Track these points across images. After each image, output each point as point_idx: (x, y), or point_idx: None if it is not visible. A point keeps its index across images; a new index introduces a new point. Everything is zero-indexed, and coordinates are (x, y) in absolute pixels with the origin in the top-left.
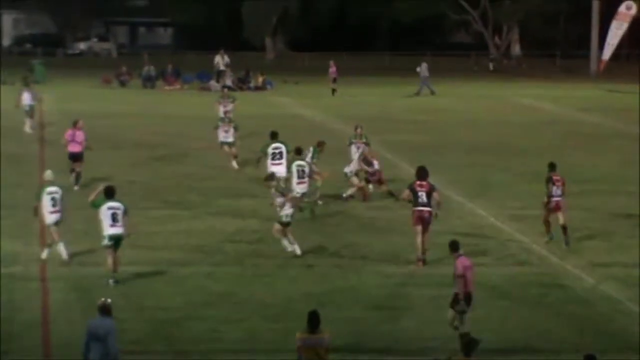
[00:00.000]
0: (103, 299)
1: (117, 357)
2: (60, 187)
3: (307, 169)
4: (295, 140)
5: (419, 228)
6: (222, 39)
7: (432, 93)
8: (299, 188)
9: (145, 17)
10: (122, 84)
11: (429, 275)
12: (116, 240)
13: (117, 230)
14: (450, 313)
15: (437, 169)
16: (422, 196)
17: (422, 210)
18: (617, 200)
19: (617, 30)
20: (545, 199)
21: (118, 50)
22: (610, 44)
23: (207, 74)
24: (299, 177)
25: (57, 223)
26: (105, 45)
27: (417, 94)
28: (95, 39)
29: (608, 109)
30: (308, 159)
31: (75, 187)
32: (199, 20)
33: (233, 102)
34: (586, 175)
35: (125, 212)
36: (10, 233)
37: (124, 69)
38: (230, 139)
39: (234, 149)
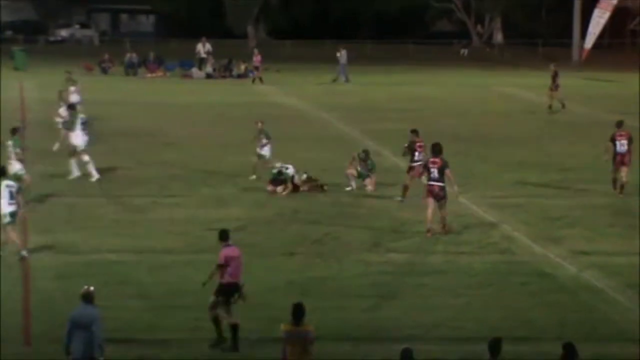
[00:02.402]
0: (86, 287)
1: (101, 345)
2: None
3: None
4: (278, 129)
5: (430, 201)
6: (204, 26)
7: (347, 81)
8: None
9: (127, 4)
10: (104, 71)
11: (411, 264)
12: (14, 217)
13: (15, 207)
14: (211, 299)
15: None
16: (434, 172)
17: (432, 185)
18: (598, 189)
19: (599, 19)
20: (607, 156)
21: (100, 37)
22: (593, 33)
23: (189, 61)
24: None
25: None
26: (87, 33)
27: (335, 80)
28: (77, 26)
29: (590, 97)
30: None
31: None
32: (181, 7)
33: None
34: (567, 163)
35: (19, 190)
36: None
37: (106, 56)
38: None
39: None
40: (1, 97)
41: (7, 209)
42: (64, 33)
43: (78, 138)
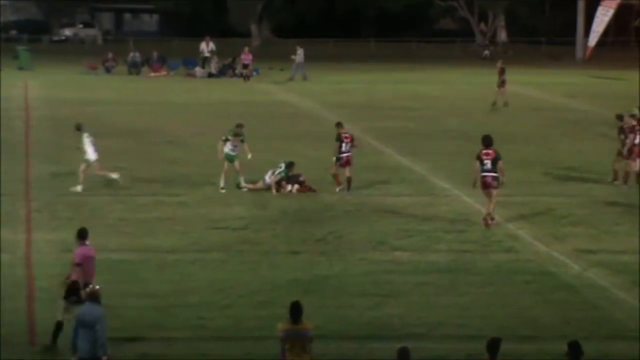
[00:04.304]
0: (91, 286)
1: (104, 344)
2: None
3: None
4: (281, 127)
5: (486, 192)
6: (208, 25)
7: (304, 79)
8: None
9: (130, 3)
10: (108, 70)
11: (414, 262)
12: None
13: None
14: (60, 302)
15: (423, 156)
16: (487, 163)
17: (486, 176)
18: (602, 187)
19: (603, 17)
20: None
21: (103, 36)
22: (596, 31)
23: (193, 60)
24: None
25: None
26: (91, 32)
27: (292, 79)
28: (80, 26)
29: (594, 95)
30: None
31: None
32: (184, 6)
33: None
34: (571, 162)
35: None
36: None
37: (109, 55)
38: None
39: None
40: (6, 96)
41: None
42: (67, 32)
43: (92, 154)
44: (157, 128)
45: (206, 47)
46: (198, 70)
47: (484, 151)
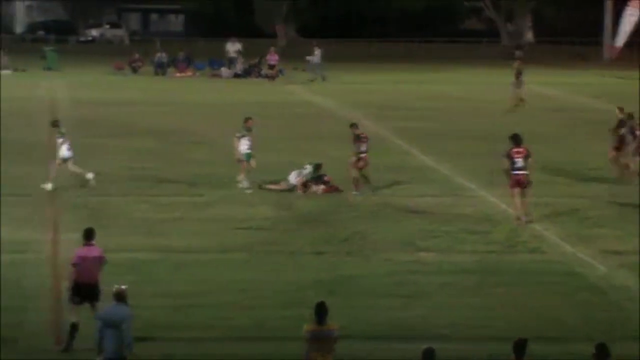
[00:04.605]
0: (117, 286)
1: (130, 344)
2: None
3: None
4: (305, 127)
5: (516, 190)
6: (234, 26)
7: (324, 79)
8: None
9: (157, 3)
10: (134, 70)
11: (439, 263)
12: None
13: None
14: (69, 304)
15: (447, 156)
16: (519, 161)
17: (518, 174)
18: (627, 188)
19: (630, 17)
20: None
21: (130, 37)
22: (624, 31)
23: (219, 60)
24: None
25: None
26: (118, 32)
27: (311, 80)
28: (107, 26)
29: (620, 96)
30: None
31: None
32: (210, 7)
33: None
34: (596, 162)
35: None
36: (21, 220)
37: (136, 55)
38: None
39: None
40: (33, 97)
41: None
42: (94, 33)
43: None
44: (183, 128)
45: (232, 47)
46: (224, 70)
47: (515, 149)
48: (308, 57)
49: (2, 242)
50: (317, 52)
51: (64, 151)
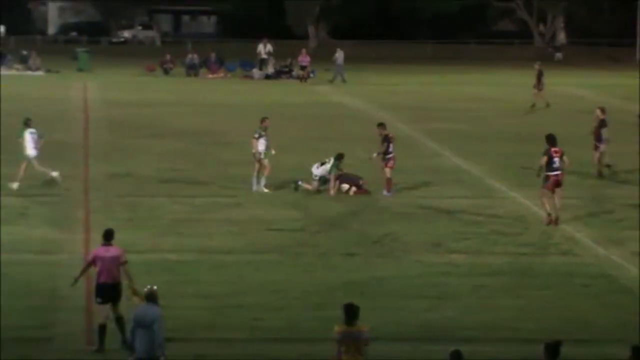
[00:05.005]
0: (149, 287)
1: (162, 345)
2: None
3: None
4: (336, 128)
5: (551, 191)
6: (265, 27)
7: (344, 81)
8: None
9: (188, 5)
10: (166, 72)
11: (471, 265)
12: None
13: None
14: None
15: (478, 158)
16: (557, 161)
17: (557, 175)
18: None
19: None
20: None
21: (162, 38)
22: None
23: (250, 62)
24: None
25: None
26: (149, 34)
27: (332, 81)
28: (139, 27)
29: None
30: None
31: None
32: (242, 8)
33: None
34: (627, 164)
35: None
36: (53, 221)
37: (167, 57)
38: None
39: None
40: (66, 97)
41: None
42: (126, 34)
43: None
44: (214, 129)
45: (263, 48)
46: (255, 71)
47: (554, 149)
48: (333, 59)
49: (34, 242)
50: (339, 53)
51: (29, 150)
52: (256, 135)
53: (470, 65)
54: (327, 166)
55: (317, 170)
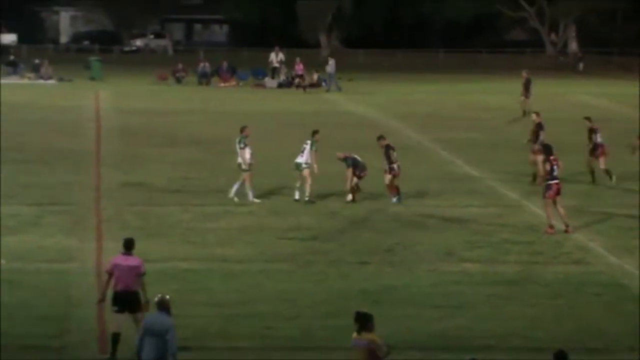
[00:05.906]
0: (160, 295)
1: (175, 354)
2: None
3: None
4: (347, 136)
5: (553, 201)
6: (277, 36)
7: (339, 90)
8: None
9: (201, 14)
10: (178, 80)
11: (484, 273)
12: None
13: None
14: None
15: (491, 167)
16: (556, 170)
17: (559, 183)
18: None
19: None
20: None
21: (174, 47)
22: None
23: (262, 70)
24: None
25: None
26: (162, 42)
27: (328, 90)
28: (151, 36)
29: None
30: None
31: None
32: (254, 17)
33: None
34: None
35: None
36: (66, 229)
37: (179, 65)
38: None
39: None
40: (78, 106)
41: None
42: (138, 43)
43: None
44: (227, 138)
45: (275, 57)
46: (267, 80)
47: (553, 158)
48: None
49: (47, 251)
50: (331, 62)
51: None
52: (242, 145)
53: (482, 74)
54: (308, 147)
55: (303, 159)
